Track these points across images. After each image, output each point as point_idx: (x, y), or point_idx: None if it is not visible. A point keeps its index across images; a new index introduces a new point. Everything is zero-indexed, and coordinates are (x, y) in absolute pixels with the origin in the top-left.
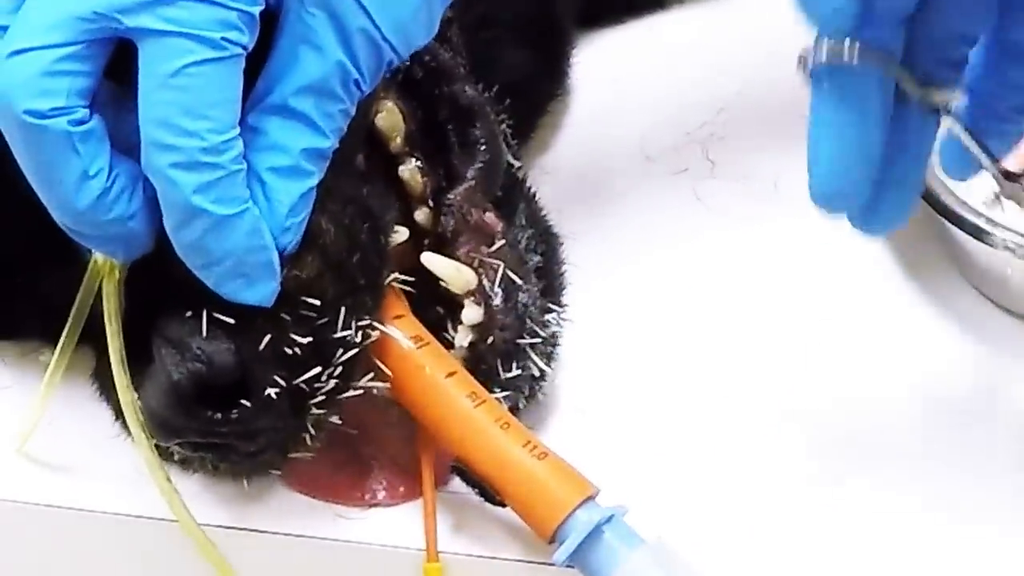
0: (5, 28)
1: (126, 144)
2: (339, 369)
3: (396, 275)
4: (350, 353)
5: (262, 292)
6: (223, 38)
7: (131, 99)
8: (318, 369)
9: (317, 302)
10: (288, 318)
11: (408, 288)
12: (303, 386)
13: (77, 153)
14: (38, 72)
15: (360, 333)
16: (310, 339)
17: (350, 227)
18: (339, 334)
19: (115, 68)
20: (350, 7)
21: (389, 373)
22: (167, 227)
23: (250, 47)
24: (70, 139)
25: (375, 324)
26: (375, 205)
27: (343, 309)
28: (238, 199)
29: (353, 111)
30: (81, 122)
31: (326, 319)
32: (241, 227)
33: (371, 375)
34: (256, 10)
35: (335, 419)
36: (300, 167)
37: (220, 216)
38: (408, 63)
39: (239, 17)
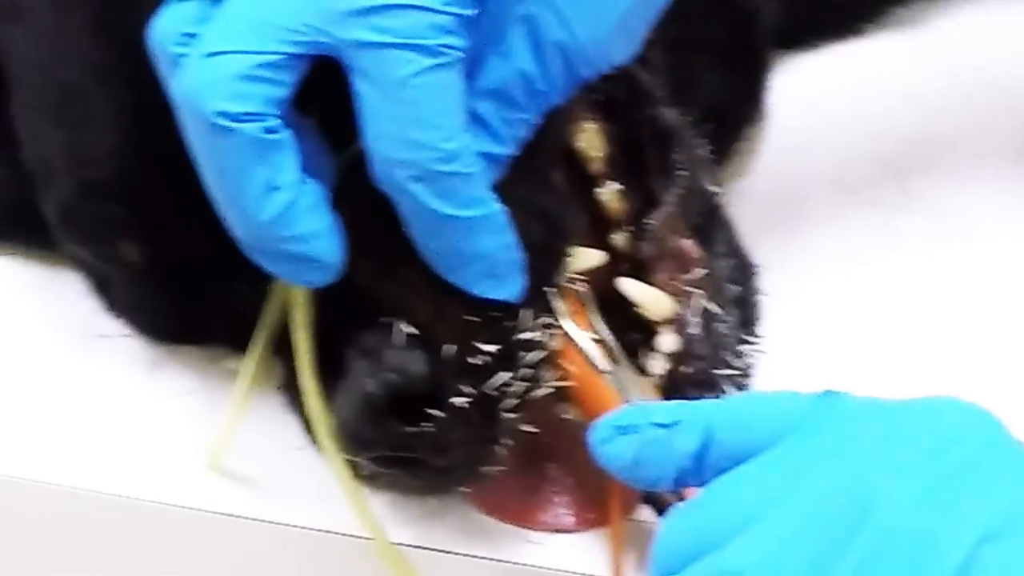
0: (193, 36)
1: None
2: (526, 371)
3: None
4: (535, 354)
5: (511, 289)
6: (441, 45)
7: (309, 127)
8: (505, 375)
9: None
10: (471, 324)
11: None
12: (492, 392)
13: (265, 162)
14: (234, 75)
15: (542, 332)
16: (496, 346)
17: (522, 228)
18: (522, 336)
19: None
20: (549, 19)
21: (580, 408)
22: (413, 237)
23: (466, 50)
24: (260, 146)
25: (557, 322)
26: (552, 207)
27: (523, 310)
28: (480, 200)
29: (536, 121)
30: (273, 131)
31: (508, 322)
32: (488, 228)
33: (558, 376)
34: (469, 12)
35: (527, 426)
36: None
37: (465, 220)
38: (610, 84)
39: (453, 21)
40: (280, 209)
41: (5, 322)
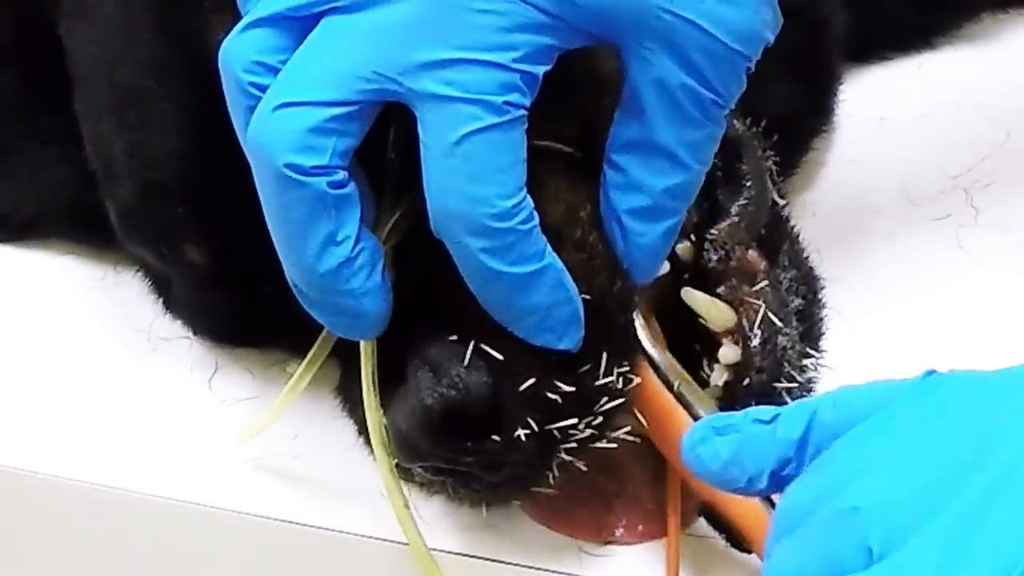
0: (264, 65)
1: None
2: (598, 419)
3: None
4: (614, 402)
5: (569, 341)
6: (505, 102)
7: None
8: (575, 420)
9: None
10: (556, 361)
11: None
12: (555, 432)
13: (329, 216)
14: (306, 128)
15: (621, 379)
16: (572, 388)
17: (616, 263)
18: (601, 381)
19: None
20: (686, 31)
21: (643, 418)
22: (471, 288)
23: (529, 106)
24: (326, 201)
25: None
26: None
27: (604, 354)
28: (534, 256)
29: (720, 131)
30: (340, 185)
31: (588, 365)
32: (541, 284)
33: (628, 428)
34: (540, 71)
35: (581, 465)
36: (661, 206)
37: (518, 276)
38: None
39: (522, 79)
40: (337, 263)
41: (67, 322)
